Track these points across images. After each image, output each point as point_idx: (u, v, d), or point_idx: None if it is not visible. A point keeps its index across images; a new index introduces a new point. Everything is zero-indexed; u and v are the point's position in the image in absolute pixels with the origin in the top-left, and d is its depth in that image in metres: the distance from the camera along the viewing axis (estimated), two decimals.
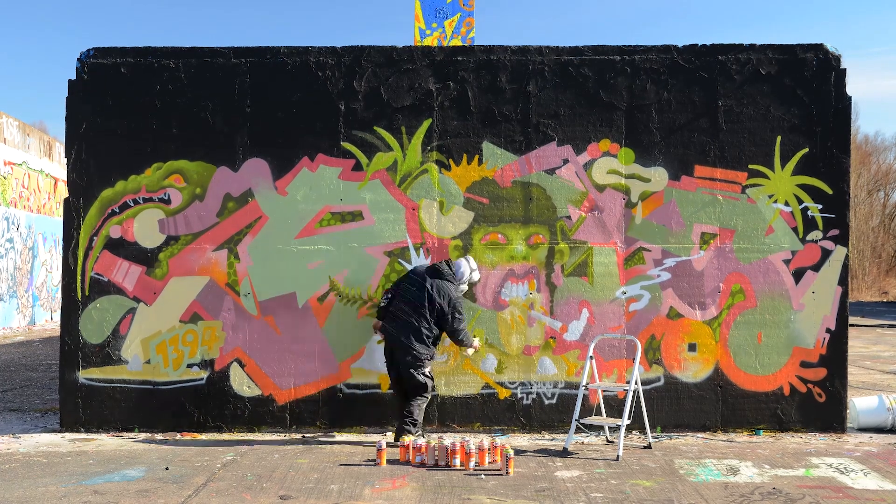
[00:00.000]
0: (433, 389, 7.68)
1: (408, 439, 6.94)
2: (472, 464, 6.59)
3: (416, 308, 7.47)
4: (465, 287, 7.78)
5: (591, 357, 7.58)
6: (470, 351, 7.91)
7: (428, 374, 7.53)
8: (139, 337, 8.08)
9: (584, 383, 7.45)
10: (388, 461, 6.79)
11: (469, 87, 8.16)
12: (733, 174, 8.14)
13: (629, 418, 7.26)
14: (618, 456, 7.01)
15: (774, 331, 8.08)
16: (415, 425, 7.42)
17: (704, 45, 8.20)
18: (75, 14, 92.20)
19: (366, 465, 6.73)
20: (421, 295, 7.49)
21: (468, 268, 7.75)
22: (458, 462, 6.60)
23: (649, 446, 7.42)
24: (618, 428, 7.22)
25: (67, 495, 5.88)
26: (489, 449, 6.72)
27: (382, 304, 7.66)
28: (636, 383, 7.36)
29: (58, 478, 6.37)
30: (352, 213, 8.15)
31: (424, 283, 7.54)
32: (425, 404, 7.61)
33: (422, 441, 6.82)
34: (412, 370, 7.44)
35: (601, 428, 7.83)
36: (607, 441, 7.70)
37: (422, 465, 6.68)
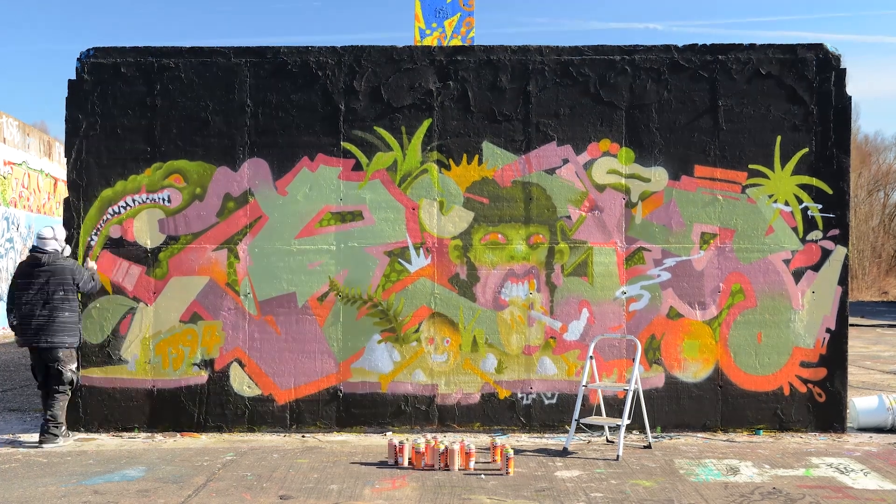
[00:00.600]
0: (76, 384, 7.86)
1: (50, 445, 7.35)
2: (456, 466, 6.53)
3: (44, 306, 7.60)
4: (68, 250, 7.86)
5: (591, 357, 7.58)
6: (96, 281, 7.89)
7: (75, 368, 7.81)
8: (139, 337, 8.08)
9: (583, 383, 7.45)
10: (385, 463, 6.79)
11: (469, 86, 8.16)
12: (733, 174, 8.14)
13: (629, 418, 7.26)
14: (618, 456, 7.01)
15: (774, 331, 8.08)
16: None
17: (705, 45, 8.20)
18: (75, 14, 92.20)
19: (366, 466, 6.72)
20: (43, 291, 7.60)
21: (54, 241, 7.73)
22: (457, 466, 6.59)
23: (649, 446, 7.41)
24: (618, 428, 7.22)
25: (67, 495, 5.88)
26: (475, 451, 6.64)
27: (14, 324, 7.69)
28: (636, 383, 7.36)
29: (58, 478, 6.37)
30: (352, 212, 8.15)
31: (39, 279, 7.61)
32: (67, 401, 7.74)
33: (422, 442, 6.79)
34: (59, 366, 7.63)
35: (602, 428, 7.83)
36: (607, 441, 7.70)
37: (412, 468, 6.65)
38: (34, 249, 7.69)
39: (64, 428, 7.65)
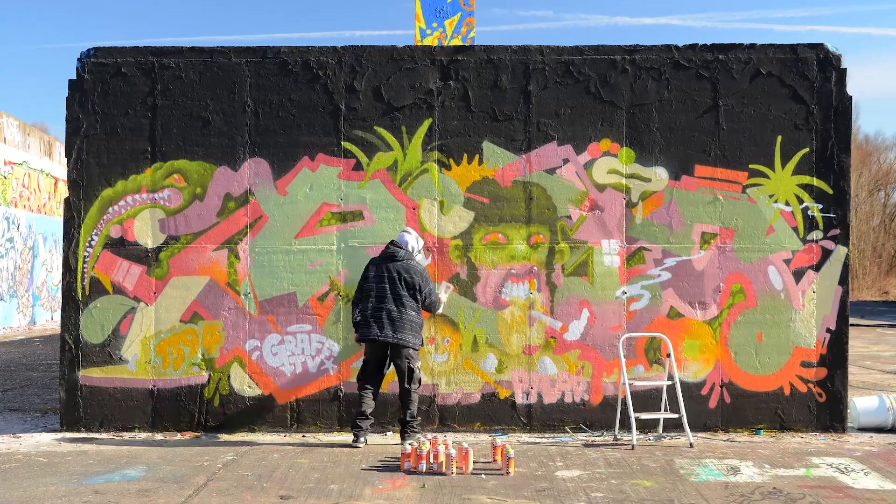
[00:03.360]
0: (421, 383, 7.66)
1: (412, 444, 6.73)
2: (454, 469, 6.49)
3: (397, 300, 7.43)
4: (420, 256, 7.84)
5: (623, 356, 7.72)
6: (441, 307, 7.84)
7: (419, 366, 7.59)
8: (139, 337, 8.08)
9: (624, 381, 7.57)
10: (386, 466, 6.78)
11: (470, 86, 8.16)
12: (734, 174, 8.14)
13: (676, 412, 7.52)
14: (691, 443, 7.39)
15: (775, 330, 8.08)
16: (418, 421, 7.54)
17: (705, 45, 8.20)
18: (75, 14, 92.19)
19: (366, 466, 6.72)
20: (396, 286, 7.44)
21: (413, 237, 7.71)
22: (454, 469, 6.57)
23: (692, 445, 7.43)
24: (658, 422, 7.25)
25: (68, 495, 5.87)
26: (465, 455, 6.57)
27: (358, 319, 7.52)
28: (676, 378, 7.59)
29: (58, 478, 6.36)
30: (352, 212, 8.15)
31: (392, 273, 7.46)
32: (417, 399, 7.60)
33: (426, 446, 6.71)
34: (411, 364, 7.46)
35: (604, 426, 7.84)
36: (615, 440, 7.69)
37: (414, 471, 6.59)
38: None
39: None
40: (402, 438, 7.38)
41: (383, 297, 7.43)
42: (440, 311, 7.88)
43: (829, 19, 78.01)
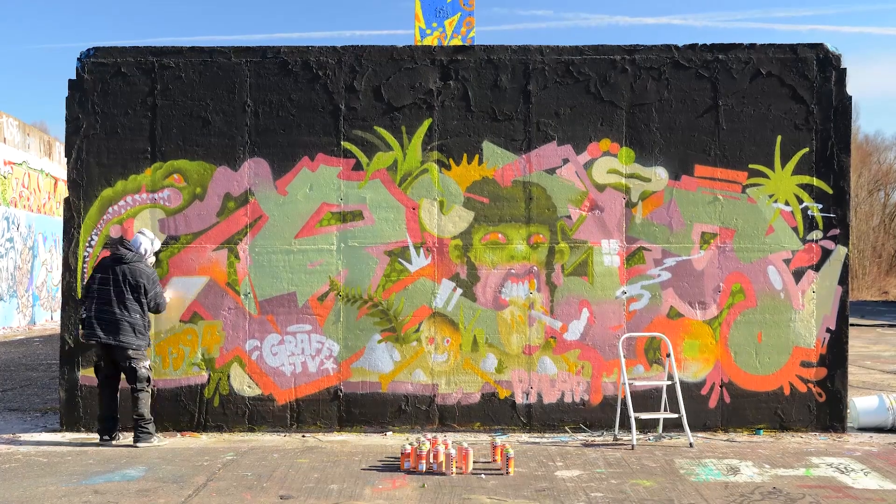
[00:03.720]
0: (150, 381, 7.67)
1: (145, 444, 7.38)
2: (454, 469, 6.48)
3: (121, 302, 7.53)
4: (153, 259, 7.89)
5: (623, 356, 7.72)
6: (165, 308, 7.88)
7: (148, 366, 7.64)
8: None
9: (624, 381, 7.58)
10: (387, 467, 6.78)
11: (469, 86, 8.16)
12: (734, 174, 8.14)
13: (676, 412, 7.54)
14: (691, 443, 7.40)
15: (775, 330, 8.08)
16: (151, 423, 7.58)
17: (705, 45, 8.20)
18: (75, 14, 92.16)
19: (366, 466, 6.72)
20: (121, 288, 7.53)
21: (148, 240, 7.79)
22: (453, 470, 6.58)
23: (692, 445, 7.44)
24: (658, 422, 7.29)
25: (67, 495, 5.87)
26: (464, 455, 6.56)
27: (84, 316, 7.63)
28: (676, 378, 7.61)
29: (58, 477, 6.36)
30: (352, 212, 8.15)
31: (117, 275, 7.55)
32: (149, 398, 7.64)
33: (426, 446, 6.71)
34: (132, 364, 7.53)
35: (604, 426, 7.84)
36: (615, 440, 7.69)
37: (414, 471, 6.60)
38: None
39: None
40: (135, 440, 7.49)
41: (107, 299, 7.53)
42: (164, 311, 7.87)
43: (831, 19, 78.08)
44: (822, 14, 78.26)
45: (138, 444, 7.43)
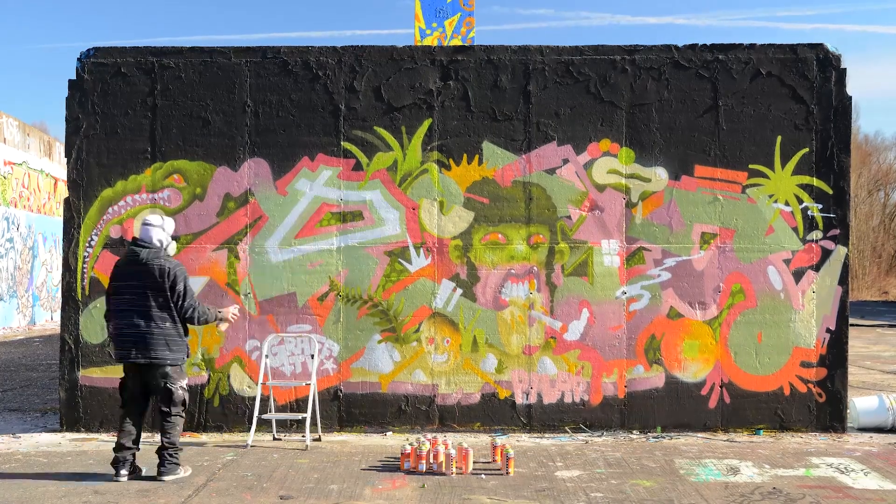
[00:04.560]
0: (186, 405, 6.52)
1: (172, 476, 6.21)
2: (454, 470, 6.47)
3: (144, 312, 6.27)
4: (174, 248, 6.63)
5: (266, 355, 7.69)
6: (223, 326, 6.84)
7: (186, 386, 6.49)
8: None
9: (261, 381, 7.63)
10: (386, 467, 6.78)
11: (469, 86, 8.16)
12: (733, 174, 8.14)
13: (310, 412, 7.54)
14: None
15: (774, 330, 8.08)
16: (181, 452, 6.45)
17: (705, 45, 8.20)
18: (75, 14, 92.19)
19: (366, 466, 6.72)
20: (142, 294, 6.27)
21: (159, 229, 6.44)
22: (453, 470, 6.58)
23: (319, 439, 7.69)
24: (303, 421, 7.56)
25: (67, 495, 5.87)
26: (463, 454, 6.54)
27: (110, 333, 6.49)
28: (315, 380, 7.69)
29: (58, 477, 6.36)
30: (352, 212, 8.15)
31: (134, 280, 6.29)
32: (183, 424, 6.50)
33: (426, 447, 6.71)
34: (168, 384, 6.34)
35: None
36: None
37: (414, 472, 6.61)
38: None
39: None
40: (159, 473, 6.24)
41: (129, 311, 6.27)
42: (199, 319, 6.47)
43: (835, 17, 78.06)
44: (825, 13, 78.29)
45: (164, 478, 6.22)
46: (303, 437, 7.66)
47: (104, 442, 7.69)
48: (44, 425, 8.49)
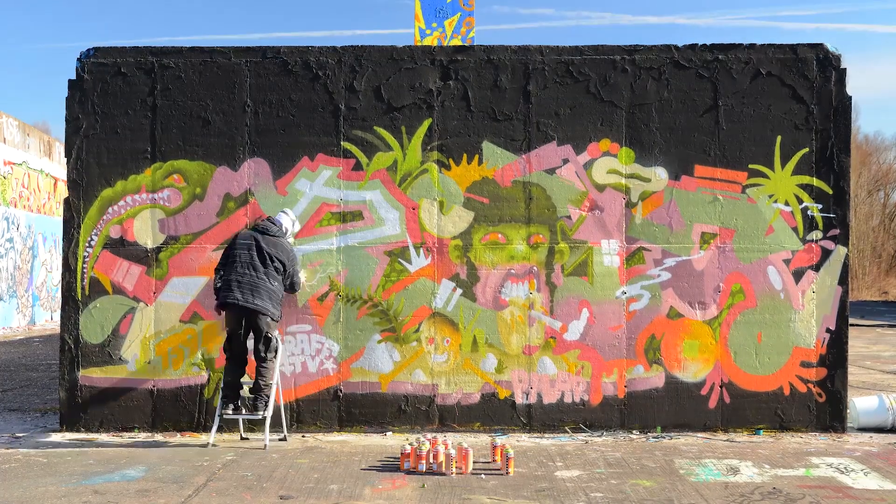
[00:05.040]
0: (278, 354, 7.67)
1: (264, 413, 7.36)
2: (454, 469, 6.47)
3: (264, 268, 7.51)
4: (292, 240, 7.95)
5: (229, 358, 7.67)
6: (300, 288, 7.90)
7: (279, 338, 7.67)
8: (139, 337, 8.08)
9: (224, 380, 7.65)
10: (386, 467, 6.78)
11: (469, 86, 8.16)
12: (733, 174, 8.14)
13: (268, 410, 7.49)
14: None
15: (774, 330, 8.08)
16: (272, 388, 7.55)
17: (705, 45, 8.20)
18: (75, 14, 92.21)
19: (366, 466, 6.72)
20: (264, 255, 7.53)
21: (289, 220, 7.87)
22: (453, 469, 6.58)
23: (285, 439, 7.73)
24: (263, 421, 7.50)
25: (67, 495, 5.87)
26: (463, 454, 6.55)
27: (219, 285, 7.56)
28: (277, 379, 7.69)
29: (58, 478, 6.36)
30: (352, 212, 8.15)
31: (260, 244, 7.56)
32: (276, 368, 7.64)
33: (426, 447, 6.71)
34: (269, 333, 7.52)
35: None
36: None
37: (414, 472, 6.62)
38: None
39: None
40: (255, 408, 7.44)
41: (247, 264, 7.50)
42: (299, 290, 7.88)
43: (835, 17, 78.06)
44: (826, 13, 78.29)
45: (259, 413, 7.40)
46: (281, 438, 7.75)
47: (104, 442, 7.69)
48: (44, 425, 8.49)
